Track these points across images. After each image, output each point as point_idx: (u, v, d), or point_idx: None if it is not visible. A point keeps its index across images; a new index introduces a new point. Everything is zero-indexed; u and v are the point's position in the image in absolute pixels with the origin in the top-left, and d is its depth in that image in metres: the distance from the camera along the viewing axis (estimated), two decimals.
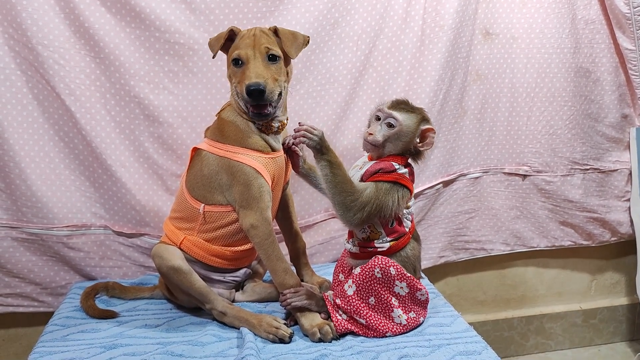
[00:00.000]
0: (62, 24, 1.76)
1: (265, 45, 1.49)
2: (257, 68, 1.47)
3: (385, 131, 1.45)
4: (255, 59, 1.48)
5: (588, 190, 2.23)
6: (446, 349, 1.41)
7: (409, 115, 1.45)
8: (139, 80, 1.82)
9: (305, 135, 1.44)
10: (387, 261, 1.44)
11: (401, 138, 1.45)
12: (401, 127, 1.44)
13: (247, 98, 1.46)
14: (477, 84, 2.09)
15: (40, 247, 1.86)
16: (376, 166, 1.46)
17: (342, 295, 1.47)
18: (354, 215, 1.41)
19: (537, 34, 2.08)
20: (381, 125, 1.46)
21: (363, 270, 1.45)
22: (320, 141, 1.44)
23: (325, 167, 1.43)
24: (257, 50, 1.49)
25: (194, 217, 1.61)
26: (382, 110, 1.47)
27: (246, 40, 1.51)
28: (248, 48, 1.49)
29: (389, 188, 1.43)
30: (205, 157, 1.59)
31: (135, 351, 1.43)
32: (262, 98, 1.46)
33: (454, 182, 2.15)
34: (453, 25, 1.97)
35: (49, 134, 1.83)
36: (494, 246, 2.24)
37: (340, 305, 1.47)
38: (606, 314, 2.45)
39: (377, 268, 1.44)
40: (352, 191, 1.41)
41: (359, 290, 1.46)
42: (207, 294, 1.57)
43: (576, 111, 2.16)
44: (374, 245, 1.48)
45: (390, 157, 1.47)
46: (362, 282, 1.45)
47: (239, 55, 1.50)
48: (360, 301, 1.46)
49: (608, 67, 2.15)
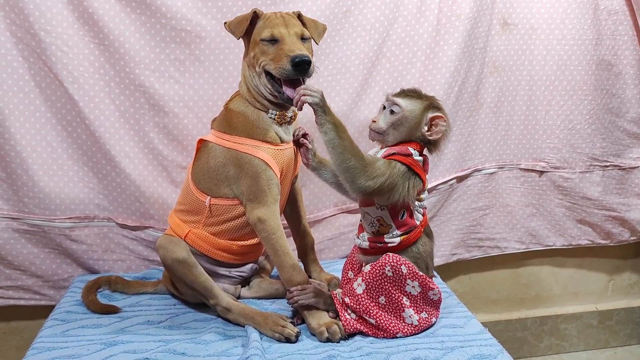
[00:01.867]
0: (66, 9, 1.72)
1: (297, 26, 1.50)
2: (297, 43, 1.46)
3: (388, 118, 1.43)
4: (291, 37, 1.47)
5: (607, 187, 2.17)
6: (460, 351, 1.36)
7: (412, 101, 1.42)
8: (144, 68, 1.78)
9: (306, 94, 1.37)
10: (398, 259, 1.39)
11: (404, 124, 1.41)
12: (403, 113, 1.41)
13: (292, 70, 1.42)
14: (494, 76, 2.03)
15: (42, 239, 1.83)
16: (391, 150, 1.41)
17: (351, 293, 1.43)
18: (365, 182, 1.34)
19: (558, 25, 2.01)
20: (385, 112, 1.44)
21: (373, 268, 1.40)
22: (322, 99, 1.37)
23: (330, 131, 1.36)
24: (292, 30, 1.48)
25: (199, 210, 1.58)
26: (387, 98, 1.45)
27: (275, 20, 1.49)
28: (281, 27, 1.48)
29: (403, 171, 1.37)
30: (212, 148, 1.56)
31: (137, 348, 1.39)
32: (307, 71, 1.43)
33: (468, 178, 2.09)
34: (470, 14, 1.91)
35: (51, 122, 1.79)
36: (509, 244, 2.19)
37: (349, 304, 1.42)
38: (623, 315, 2.40)
39: (387, 266, 1.39)
40: (362, 156, 1.36)
41: (368, 289, 1.41)
42: (211, 288, 1.53)
43: (596, 105, 2.09)
44: (383, 241, 1.43)
45: (406, 144, 1.42)
46: (372, 281, 1.40)
47: (271, 34, 1.47)
48: (369, 300, 1.41)
49: (631, 60, 2.08)
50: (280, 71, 1.44)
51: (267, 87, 1.50)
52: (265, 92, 1.51)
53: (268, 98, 1.52)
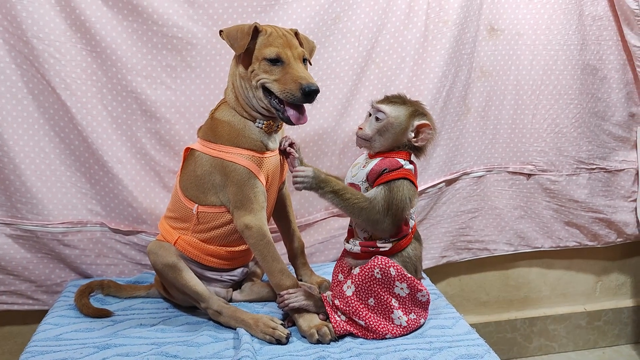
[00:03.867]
0: (58, 17, 1.73)
1: (299, 48, 1.52)
2: (303, 71, 1.49)
3: (374, 125, 1.44)
4: (296, 61, 1.49)
5: (594, 190, 2.20)
6: (447, 351, 1.38)
7: (397, 108, 1.44)
8: (136, 74, 1.80)
9: (299, 182, 1.41)
10: (386, 261, 1.41)
11: (390, 130, 1.44)
12: (388, 120, 1.43)
13: (301, 98, 1.44)
14: (482, 80, 2.06)
15: (35, 244, 1.83)
16: (381, 165, 1.42)
17: (340, 296, 1.44)
18: (384, 224, 1.40)
19: (543, 30, 2.04)
20: (371, 119, 1.46)
21: (362, 270, 1.42)
22: (314, 179, 1.41)
23: (333, 199, 1.41)
24: (295, 52, 1.50)
25: (188, 218, 1.59)
26: (372, 105, 1.47)
27: (279, 40, 1.50)
28: (285, 48, 1.49)
29: (400, 184, 1.40)
30: (199, 157, 1.57)
31: (129, 352, 1.40)
32: (314, 98, 1.46)
33: (457, 181, 2.12)
34: (457, 20, 1.94)
35: (44, 129, 1.80)
36: (498, 246, 2.21)
37: (339, 306, 1.44)
38: (611, 316, 2.42)
39: (376, 268, 1.41)
40: (370, 205, 1.39)
41: (358, 291, 1.42)
42: (202, 292, 1.54)
43: (582, 109, 2.12)
44: (375, 245, 1.45)
45: (394, 153, 1.45)
46: (362, 283, 1.42)
47: (277, 55, 1.48)
48: (359, 302, 1.43)
49: (615, 65, 2.12)
50: (287, 95, 1.46)
51: (261, 102, 1.51)
52: (257, 105, 1.52)
53: (258, 110, 1.53)
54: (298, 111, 1.49)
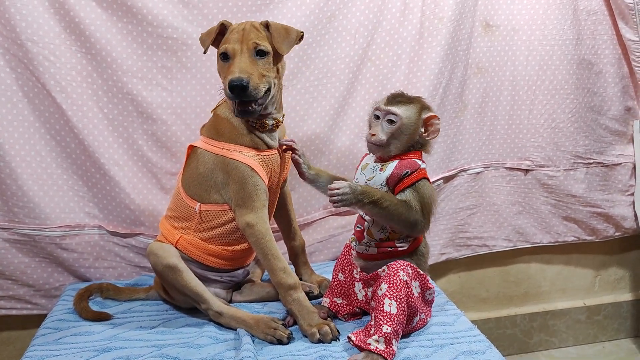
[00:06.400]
0: (52, 20, 1.73)
1: (253, 40, 1.46)
2: (242, 63, 1.44)
3: (387, 128, 1.40)
4: (241, 54, 1.45)
5: (591, 184, 2.20)
6: (449, 348, 1.38)
7: (407, 107, 1.41)
8: (132, 76, 1.79)
9: (339, 200, 1.34)
10: (403, 262, 1.39)
11: (405, 132, 1.41)
12: (402, 121, 1.40)
13: (230, 94, 1.43)
14: (478, 77, 2.06)
15: (33, 248, 1.83)
16: (401, 168, 1.40)
17: (388, 318, 1.32)
18: (422, 224, 1.39)
19: (539, 26, 2.04)
20: (382, 123, 1.41)
21: (391, 281, 1.34)
22: (352, 194, 1.33)
23: (372, 209, 1.35)
24: (245, 45, 1.46)
25: (190, 216, 1.58)
26: (380, 108, 1.42)
27: (235, 35, 1.48)
28: (236, 43, 1.47)
29: (423, 184, 1.41)
30: (201, 155, 1.57)
31: (130, 354, 1.39)
32: (245, 94, 1.42)
33: (455, 178, 2.12)
34: (453, 17, 1.93)
35: (40, 132, 1.79)
36: (496, 242, 2.21)
37: (390, 333, 1.31)
38: (610, 310, 2.42)
39: (400, 271, 1.36)
40: (407, 207, 1.37)
41: (399, 304, 1.34)
42: (202, 293, 1.54)
43: (579, 104, 2.12)
44: (394, 245, 1.43)
45: (410, 154, 1.43)
46: (398, 293, 1.34)
47: (226, 50, 1.47)
48: (403, 313, 1.35)
49: (611, 59, 2.12)
50: (225, 93, 1.46)
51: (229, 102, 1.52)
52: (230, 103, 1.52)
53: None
54: (242, 107, 1.46)
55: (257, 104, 1.47)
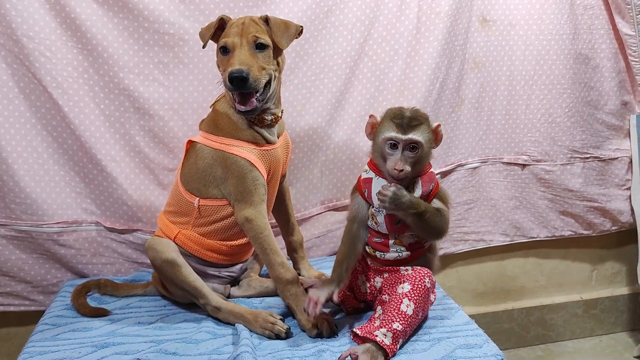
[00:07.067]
0: (48, 15, 1.72)
1: (253, 33, 1.47)
2: (242, 55, 1.44)
3: (410, 157, 1.36)
4: (241, 47, 1.46)
5: (588, 179, 2.21)
6: (446, 342, 1.38)
7: (422, 129, 1.36)
8: (129, 72, 1.79)
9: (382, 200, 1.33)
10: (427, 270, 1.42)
11: (426, 154, 1.39)
12: (423, 147, 1.36)
13: (230, 86, 1.43)
14: (475, 72, 2.05)
15: (30, 244, 1.82)
16: (427, 185, 1.41)
17: (402, 317, 1.34)
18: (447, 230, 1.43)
19: (535, 20, 2.04)
20: (402, 153, 1.35)
21: (415, 286, 1.37)
22: (394, 197, 1.32)
23: (416, 219, 1.35)
24: (245, 39, 1.46)
25: (188, 211, 1.58)
26: (397, 139, 1.35)
27: (234, 29, 1.48)
28: (235, 36, 1.47)
29: (444, 192, 1.46)
30: (200, 149, 1.56)
31: (128, 350, 1.39)
32: (245, 86, 1.42)
33: (452, 173, 2.12)
34: (449, 11, 1.93)
35: (36, 128, 1.79)
36: (494, 237, 2.22)
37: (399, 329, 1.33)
38: (607, 304, 2.43)
39: (426, 278, 1.39)
40: (440, 216, 1.39)
41: (416, 307, 1.37)
42: (200, 288, 1.54)
43: (575, 99, 2.13)
44: (422, 245, 1.47)
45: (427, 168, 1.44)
46: (420, 298, 1.37)
47: (225, 44, 1.48)
48: (416, 317, 1.39)
49: (607, 54, 2.12)
50: (225, 84, 1.46)
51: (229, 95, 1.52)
52: (230, 98, 1.52)
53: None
54: (241, 99, 1.46)
55: (258, 99, 1.47)
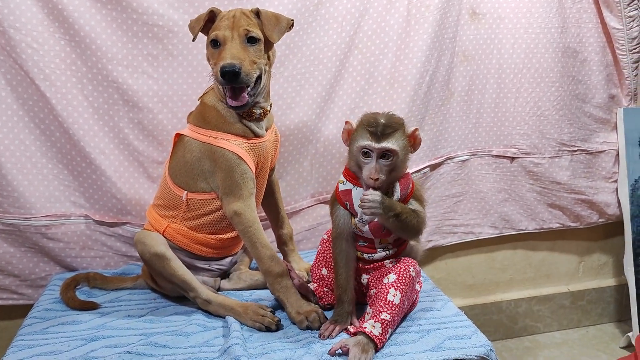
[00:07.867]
0: (35, 6, 1.70)
1: (244, 27, 1.45)
2: (233, 49, 1.43)
3: (384, 164, 1.33)
4: (232, 41, 1.44)
5: (576, 171, 2.23)
6: (436, 333, 1.39)
7: (397, 136, 1.33)
8: (117, 64, 1.77)
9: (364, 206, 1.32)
10: (411, 260, 1.43)
11: (402, 161, 1.36)
12: (398, 155, 1.33)
13: (222, 80, 1.42)
14: (464, 65, 2.06)
15: (18, 238, 1.81)
16: (405, 188, 1.39)
17: (389, 307, 1.35)
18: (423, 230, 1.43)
19: (524, 14, 2.05)
20: (376, 162, 1.32)
21: (400, 275, 1.37)
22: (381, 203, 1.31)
23: (394, 222, 1.34)
24: (236, 32, 1.45)
25: (177, 205, 1.58)
26: (371, 147, 1.32)
27: (225, 22, 1.47)
28: (226, 29, 1.45)
29: (419, 190, 1.45)
30: (188, 143, 1.56)
31: (118, 343, 1.39)
32: (237, 80, 1.41)
33: (442, 166, 2.13)
34: (439, 4, 1.94)
35: (23, 120, 1.77)
36: (482, 229, 2.23)
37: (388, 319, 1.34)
38: (594, 295, 2.46)
39: (410, 267, 1.40)
40: (417, 217, 1.38)
41: (403, 296, 1.37)
42: (190, 281, 1.54)
43: (564, 92, 2.14)
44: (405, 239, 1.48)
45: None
46: (405, 287, 1.37)
47: (216, 37, 1.46)
48: (402, 306, 1.38)
49: (595, 47, 2.14)
50: (216, 78, 1.44)
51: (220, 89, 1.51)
52: (221, 92, 1.51)
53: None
54: (233, 93, 1.46)
55: (249, 94, 1.47)
